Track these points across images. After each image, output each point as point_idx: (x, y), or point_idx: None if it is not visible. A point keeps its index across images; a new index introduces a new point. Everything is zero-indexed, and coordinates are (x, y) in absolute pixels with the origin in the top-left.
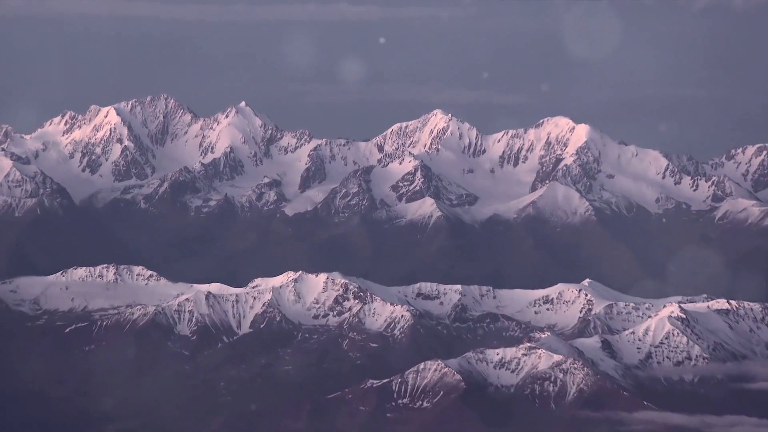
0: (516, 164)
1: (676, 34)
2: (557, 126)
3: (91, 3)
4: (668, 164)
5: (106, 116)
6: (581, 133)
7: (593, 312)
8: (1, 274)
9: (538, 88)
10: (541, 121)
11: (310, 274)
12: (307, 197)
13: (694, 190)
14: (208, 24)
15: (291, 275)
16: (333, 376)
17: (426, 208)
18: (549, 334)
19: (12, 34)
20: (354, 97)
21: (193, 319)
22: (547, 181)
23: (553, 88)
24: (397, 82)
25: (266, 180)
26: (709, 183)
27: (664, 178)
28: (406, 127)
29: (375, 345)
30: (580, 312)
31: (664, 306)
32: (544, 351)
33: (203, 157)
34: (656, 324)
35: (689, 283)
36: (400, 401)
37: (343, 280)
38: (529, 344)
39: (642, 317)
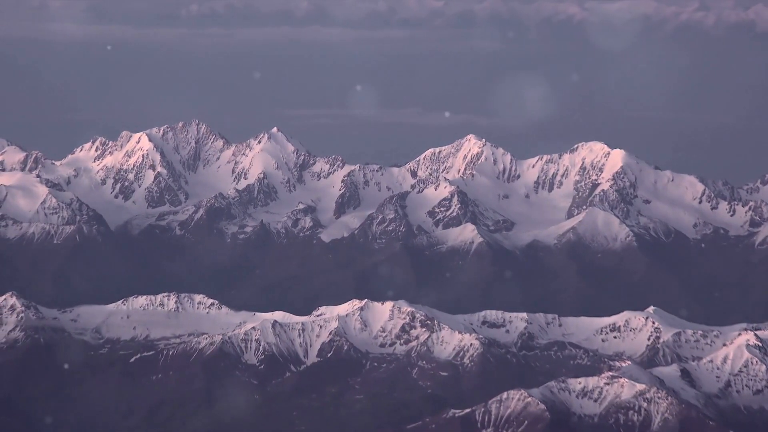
0: (551, 189)
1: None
2: (592, 151)
3: (117, 29)
4: (705, 189)
5: (138, 142)
6: (617, 158)
7: (661, 340)
8: (48, 302)
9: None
10: (575, 146)
11: (375, 302)
12: (342, 223)
13: (731, 215)
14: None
15: (356, 303)
16: (406, 405)
17: (467, 234)
18: (629, 362)
19: (37, 58)
20: (374, 121)
21: (260, 348)
22: (584, 207)
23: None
24: (411, 107)
25: (301, 206)
26: (746, 208)
27: (700, 203)
28: (440, 152)
29: (445, 374)
30: (648, 340)
31: (740, 334)
32: (626, 380)
33: (236, 183)
34: (734, 352)
35: (737, 309)
36: (484, 431)
37: (409, 308)
38: (610, 373)
39: (710, 345)
